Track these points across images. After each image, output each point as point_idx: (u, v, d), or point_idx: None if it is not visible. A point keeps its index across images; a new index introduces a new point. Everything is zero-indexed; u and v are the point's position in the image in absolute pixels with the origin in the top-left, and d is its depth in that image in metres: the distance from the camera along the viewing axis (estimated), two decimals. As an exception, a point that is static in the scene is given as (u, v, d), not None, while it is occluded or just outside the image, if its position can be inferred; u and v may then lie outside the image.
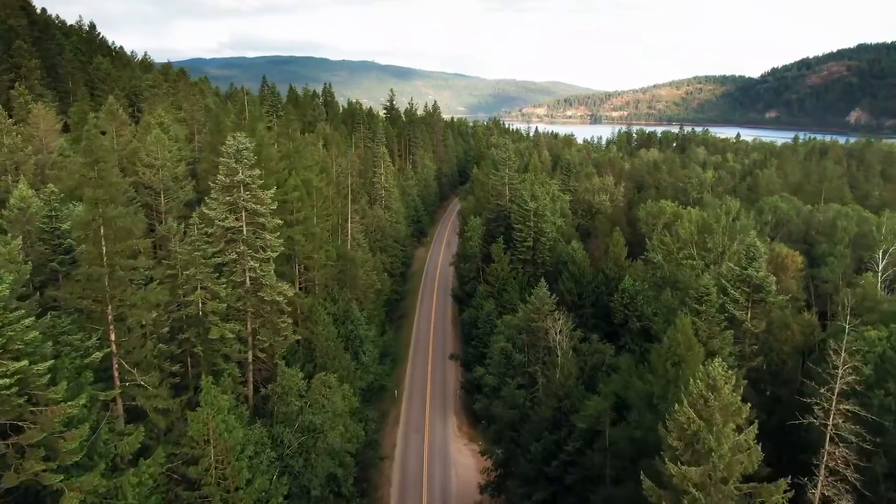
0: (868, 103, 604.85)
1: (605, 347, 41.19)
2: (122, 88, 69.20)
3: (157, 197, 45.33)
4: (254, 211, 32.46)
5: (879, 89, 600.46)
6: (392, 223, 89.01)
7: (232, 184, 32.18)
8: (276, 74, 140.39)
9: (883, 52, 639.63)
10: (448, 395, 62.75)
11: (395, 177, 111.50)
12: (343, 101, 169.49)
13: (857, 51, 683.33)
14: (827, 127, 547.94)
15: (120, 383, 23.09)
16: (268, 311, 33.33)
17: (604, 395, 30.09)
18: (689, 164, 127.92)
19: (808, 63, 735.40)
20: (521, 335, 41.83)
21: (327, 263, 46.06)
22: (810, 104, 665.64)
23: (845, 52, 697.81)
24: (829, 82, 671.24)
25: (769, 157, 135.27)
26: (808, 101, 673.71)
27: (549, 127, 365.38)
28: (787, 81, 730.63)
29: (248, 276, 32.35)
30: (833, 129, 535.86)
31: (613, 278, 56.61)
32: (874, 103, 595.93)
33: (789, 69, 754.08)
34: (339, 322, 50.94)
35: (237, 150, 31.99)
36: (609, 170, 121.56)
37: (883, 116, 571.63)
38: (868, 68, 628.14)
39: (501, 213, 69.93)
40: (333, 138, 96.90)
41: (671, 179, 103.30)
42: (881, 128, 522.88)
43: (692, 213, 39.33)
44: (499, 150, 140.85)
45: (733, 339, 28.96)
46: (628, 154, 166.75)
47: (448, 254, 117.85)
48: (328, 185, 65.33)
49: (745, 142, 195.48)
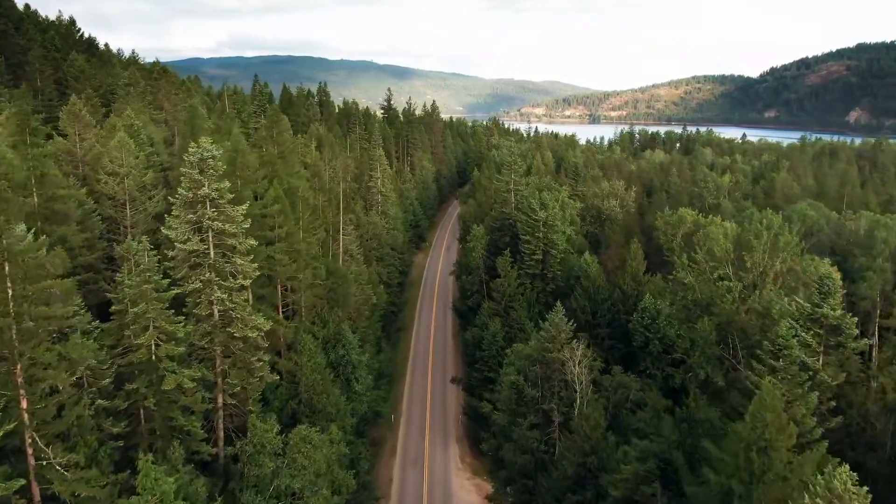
0: (868, 103, 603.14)
1: (630, 380, 36.11)
2: (95, 87, 63.72)
3: (123, 209, 40.04)
4: (222, 231, 27.21)
5: (879, 89, 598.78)
6: (389, 230, 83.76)
7: (196, 199, 26.93)
8: (274, 74, 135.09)
9: (882, 52, 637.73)
10: (449, 421, 57.49)
11: (393, 180, 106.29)
12: (341, 101, 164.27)
13: (857, 50, 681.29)
14: (827, 127, 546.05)
15: (35, 463, 17.92)
16: (240, 349, 28.09)
17: (639, 453, 24.96)
18: (698, 166, 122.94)
19: (807, 63, 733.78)
20: (534, 367, 36.71)
21: (315, 283, 40.89)
22: (810, 104, 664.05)
23: (844, 52, 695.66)
24: (828, 82, 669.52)
25: (781, 159, 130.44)
26: (807, 100, 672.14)
27: (547, 127, 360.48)
28: (786, 81, 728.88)
29: (216, 308, 27.12)
30: (833, 128, 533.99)
31: (631, 295, 51.53)
32: (874, 103, 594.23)
33: (788, 69, 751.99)
34: (330, 347, 45.76)
35: (201, 159, 26.74)
36: (615, 172, 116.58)
37: (883, 116, 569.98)
38: (867, 68, 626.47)
39: (506, 221, 64.75)
40: (327, 140, 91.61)
41: (683, 183, 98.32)
42: (881, 127, 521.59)
43: (727, 226, 34.36)
44: (500, 152, 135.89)
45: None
46: (632, 155, 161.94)
47: (448, 259, 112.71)
48: (319, 193, 60.14)
49: (750, 142, 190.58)
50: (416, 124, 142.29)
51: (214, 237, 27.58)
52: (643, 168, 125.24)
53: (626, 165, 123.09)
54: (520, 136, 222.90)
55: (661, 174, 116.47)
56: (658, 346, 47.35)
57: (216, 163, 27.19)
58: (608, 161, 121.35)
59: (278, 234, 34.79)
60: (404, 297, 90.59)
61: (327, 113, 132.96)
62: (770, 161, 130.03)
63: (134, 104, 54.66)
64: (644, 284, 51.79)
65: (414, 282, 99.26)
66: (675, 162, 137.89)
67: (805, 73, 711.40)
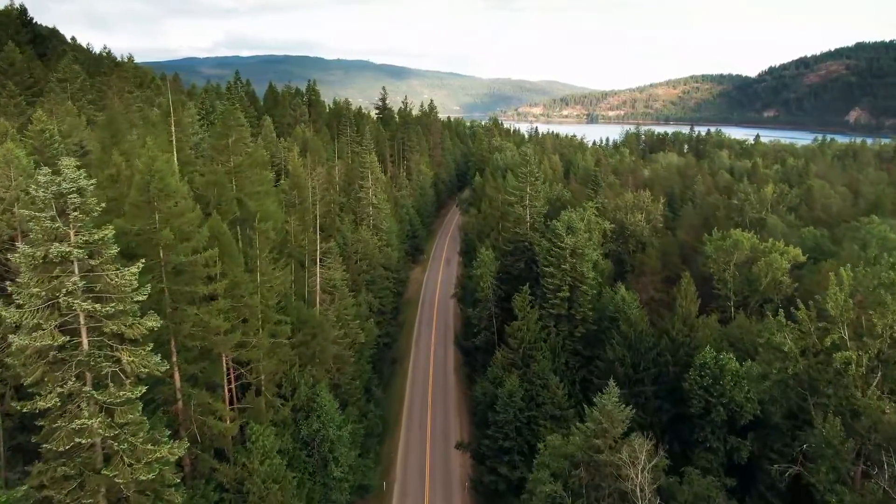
0: (868, 102, 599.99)
1: (710, 488, 25.70)
2: (24, 83, 52.78)
3: (10, 246, 29.24)
4: (94, 313, 16.54)
5: (879, 88, 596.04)
6: (382, 246, 72.95)
7: (51, 260, 16.27)
8: (270, 74, 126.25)
9: (882, 51, 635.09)
10: (454, 492, 46.94)
11: (387, 187, 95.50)
12: (337, 100, 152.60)
13: (856, 50, 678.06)
14: (827, 126, 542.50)
15: None
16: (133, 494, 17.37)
17: None
18: (718, 172, 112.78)
19: (806, 62, 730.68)
20: (577, 471, 26.26)
21: (278, 344, 30.29)
22: (809, 103, 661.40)
23: (843, 51, 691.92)
24: (827, 81, 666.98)
25: (808, 163, 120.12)
26: (806, 100, 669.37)
27: (546, 127, 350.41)
28: (785, 80, 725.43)
29: (86, 440, 16.45)
30: (833, 128, 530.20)
31: (683, 344, 41.24)
32: (874, 102, 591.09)
33: (787, 68, 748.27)
34: (301, 418, 35.14)
35: (58, 195, 16.06)
36: (630, 179, 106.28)
37: (883, 116, 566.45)
38: (867, 67, 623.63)
39: (521, 244, 54.11)
40: (313, 144, 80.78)
41: (709, 192, 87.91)
42: (881, 127, 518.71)
43: (844, 273, 24.31)
44: (503, 155, 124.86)
45: None
46: (641, 157, 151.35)
47: (448, 274, 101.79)
48: (299, 210, 49.45)
49: (764, 144, 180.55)
50: (413, 125, 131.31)
51: (88, 320, 16.88)
52: (659, 173, 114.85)
53: (639, 170, 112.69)
54: (521, 137, 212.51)
55: (680, 180, 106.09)
56: (722, 414, 37.12)
57: (86, 199, 16.51)
58: (621, 166, 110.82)
59: (217, 288, 24.18)
60: (400, 320, 79.88)
61: (316, 113, 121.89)
62: (796, 166, 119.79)
63: (63, 103, 43.77)
64: (697, 329, 41.51)
65: (411, 300, 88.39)
66: (691, 165, 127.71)
67: (804, 73, 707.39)
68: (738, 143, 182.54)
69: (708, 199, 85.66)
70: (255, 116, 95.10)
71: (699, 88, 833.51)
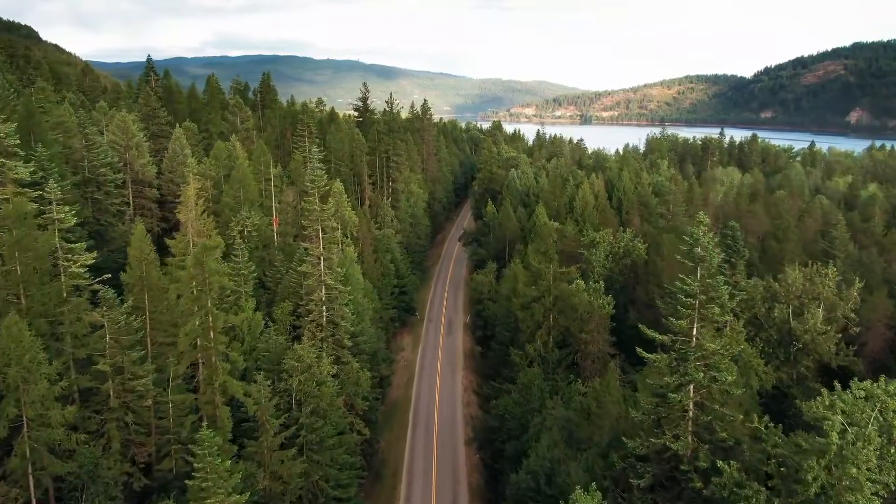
0: (868, 102, 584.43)
1: None
2: None
3: None
4: None
5: (879, 88, 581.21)
6: (343, 350, 42.40)
7: None
8: (258, 74, 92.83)
9: (880, 51, 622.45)
10: None
11: (364, 225, 65.17)
12: (329, 101, 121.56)
13: (853, 49, 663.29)
14: (827, 127, 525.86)
15: None
16: None
17: None
18: (815, 199, 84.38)
19: (803, 62, 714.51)
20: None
21: None
22: (807, 104, 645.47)
23: (841, 51, 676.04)
24: (825, 81, 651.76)
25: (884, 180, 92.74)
26: (804, 100, 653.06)
27: (538, 127, 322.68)
28: (781, 81, 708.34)
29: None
30: (834, 128, 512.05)
31: None
32: (875, 103, 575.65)
33: (784, 68, 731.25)
34: None
35: None
36: (702, 209, 77.35)
37: (885, 116, 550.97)
38: (866, 67, 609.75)
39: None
40: (241, 170, 50.00)
41: (839, 237, 59.00)
42: (884, 128, 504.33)
43: None
44: (522, 172, 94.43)
45: None
46: (678, 170, 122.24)
47: (452, 350, 70.24)
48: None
49: (819, 151, 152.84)
50: (401, 132, 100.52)
51: None
52: (728, 200, 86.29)
53: (707, 195, 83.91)
54: (526, 144, 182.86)
55: (766, 211, 77.26)
56: None
57: None
58: (689, 193, 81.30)
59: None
60: (381, 455, 49.46)
61: (272, 115, 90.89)
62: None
63: None
64: None
65: (399, 404, 57.13)
66: (759, 184, 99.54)
67: (801, 73, 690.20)
68: (784, 150, 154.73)
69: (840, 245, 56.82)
70: (167, 123, 64.47)
71: (694, 89, 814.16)
